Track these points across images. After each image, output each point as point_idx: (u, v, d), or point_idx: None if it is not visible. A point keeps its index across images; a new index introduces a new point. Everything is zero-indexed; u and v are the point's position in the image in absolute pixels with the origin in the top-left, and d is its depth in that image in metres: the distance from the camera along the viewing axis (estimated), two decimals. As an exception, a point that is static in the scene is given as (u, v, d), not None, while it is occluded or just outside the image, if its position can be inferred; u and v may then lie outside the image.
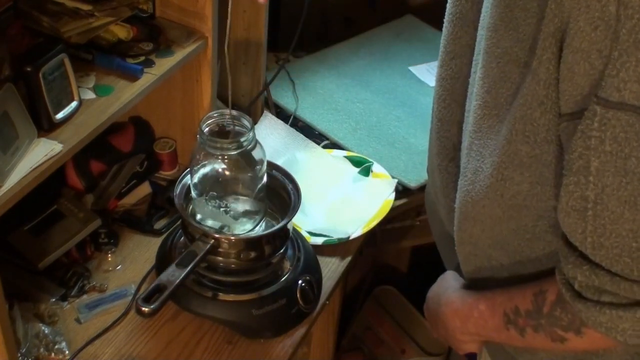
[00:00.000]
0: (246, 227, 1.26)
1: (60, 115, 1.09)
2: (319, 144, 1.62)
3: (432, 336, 1.88)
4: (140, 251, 1.38)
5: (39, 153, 1.04)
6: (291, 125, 1.66)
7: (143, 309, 1.09)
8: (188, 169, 1.26)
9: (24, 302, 1.23)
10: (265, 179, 1.25)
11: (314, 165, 1.55)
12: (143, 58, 1.24)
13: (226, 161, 1.20)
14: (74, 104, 1.12)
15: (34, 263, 1.27)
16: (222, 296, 1.25)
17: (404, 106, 1.76)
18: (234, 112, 1.20)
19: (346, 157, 1.58)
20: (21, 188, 1.01)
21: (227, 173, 1.23)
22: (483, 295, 1.03)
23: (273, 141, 1.58)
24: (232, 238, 1.23)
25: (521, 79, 0.84)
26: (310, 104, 1.73)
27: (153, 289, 1.11)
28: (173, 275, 1.13)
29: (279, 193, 1.31)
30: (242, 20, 1.53)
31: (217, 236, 1.20)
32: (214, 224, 1.24)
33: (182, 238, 1.31)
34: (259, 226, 1.27)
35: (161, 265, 1.29)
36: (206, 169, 1.23)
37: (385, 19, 2.03)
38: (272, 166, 1.32)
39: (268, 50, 1.59)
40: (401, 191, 1.55)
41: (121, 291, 1.31)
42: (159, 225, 1.43)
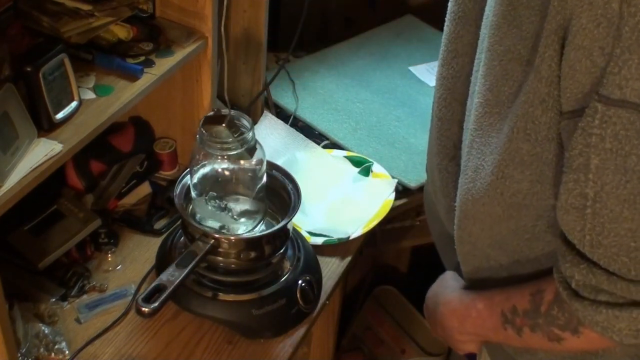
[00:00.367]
0: (246, 227, 1.26)
1: (60, 115, 1.09)
2: (319, 144, 1.62)
3: (432, 336, 1.88)
4: (140, 251, 1.38)
5: (39, 153, 1.04)
6: (291, 125, 1.65)
7: (143, 309, 1.09)
8: (188, 169, 1.26)
9: (24, 302, 1.23)
10: (265, 179, 1.25)
11: (314, 165, 1.55)
12: (143, 58, 1.24)
13: (226, 159, 1.20)
14: (74, 104, 1.12)
15: (34, 263, 1.27)
16: (222, 296, 1.25)
17: (404, 106, 1.76)
18: (234, 112, 1.20)
19: (346, 157, 1.58)
20: (21, 188, 1.01)
21: (227, 173, 1.24)
22: (481, 295, 1.03)
23: (273, 141, 1.58)
24: (232, 238, 1.23)
25: (523, 77, 0.84)
26: (310, 104, 1.73)
27: (153, 289, 1.11)
28: (173, 275, 1.13)
29: (279, 193, 1.31)
30: (242, 20, 1.53)
31: (217, 236, 1.20)
32: (214, 224, 1.24)
33: (182, 238, 1.31)
34: (259, 226, 1.27)
35: (161, 265, 1.29)
36: (206, 169, 1.23)
37: (385, 19, 2.03)
38: (272, 166, 1.32)
39: (268, 50, 1.59)
40: (401, 191, 1.55)
41: (121, 291, 1.30)
42: (159, 225, 1.43)
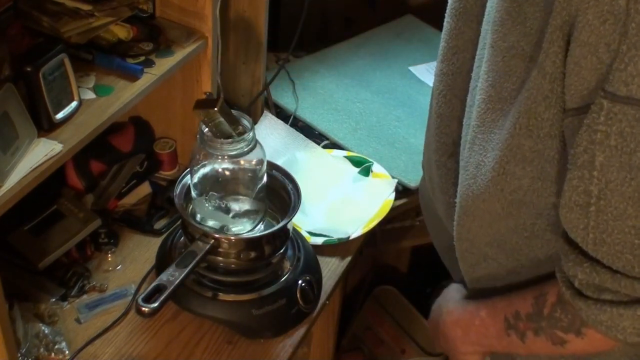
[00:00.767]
0: (246, 227, 1.26)
1: (60, 115, 1.09)
2: (319, 144, 1.62)
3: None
4: (140, 251, 1.38)
5: (39, 153, 1.04)
6: (291, 125, 1.65)
7: (143, 309, 1.09)
8: (188, 169, 1.26)
9: (24, 302, 1.23)
10: (265, 179, 1.25)
11: (314, 165, 1.55)
12: (143, 58, 1.24)
13: (227, 159, 1.20)
14: (74, 104, 1.12)
15: (34, 263, 1.27)
16: (222, 296, 1.25)
17: (404, 106, 1.76)
18: (234, 112, 1.20)
19: (346, 157, 1.58)
20: (21, 188, 1.01)
21: (227, 173, 1.24)
22: (484, 302, 1.02)
23: (273, 141, 1.58)
24: (232, 238, 1.23)
25: (526, 73, 0.84)
26: (310, 104, 1.73)
27: (153, 289, 1.11)
28: (173, 275, 1.13)
29: (279, 193, 1.31)
30: (242, 20, 1.53)
31: (217, 236, 1.20)
32: (214, 224, 1.24)
33: (182, 238, 1.31)
34: (259, 226, 1.27)
35: (161, 265, 1.29)
36: (206, 169, 1.23)
37: (385, 19, 2.03)
38: (272, 166, 1.32)
39: (268, 50, 1.59)
40: (401, 191, 1.55)
41: (121, 291, 1.30)
42: (159, 225, 1.43)
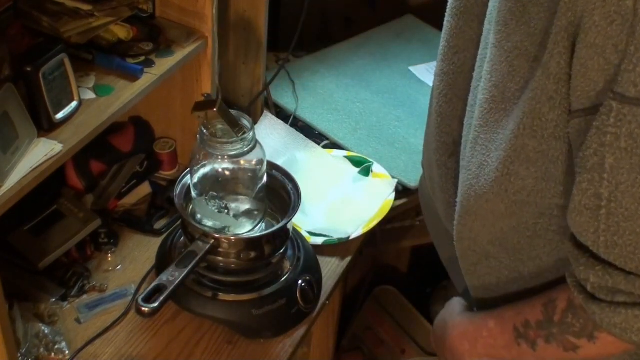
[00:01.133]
0: (246, 227, 1.26)
1: (60, 115, 1.09)
2: (319, 144, 1.62)
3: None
4: (140, 251, 1.38)
5: (39, 153, 1.04)
6: (291, 125, 1.65)
7: (143, 309, 1.09)
8: (188, 169, 1.26)
9: (24, 302, 1.23)
10: (265, 179, 1.25)
11: (314, 165, 1.55)
12: (143, 58, 1.24)
13: (227, 159, 1.20)
14: (74, 104, 1.12)
15: (34, 263, 1.27)
16: (222, 296, 1.25)
17: (404, 106, 1.76)
18: (234, 112, 1.20)
19: (346, 157, 1.58)
20: (21, 188, 1.01)
21: (227, 173, 1.24)
22: (491, 313, 1.01)
23: (273, 141, 1.58)
24: (232, 238, 1.23)
25: (531, 74, 0.83)
26: (310, 104, 1.73)
27: (153, 289, 1.11)
28: (173, 275, 1.13)
29: (279, 193, 1.31)
30: (242, 20, 1.53)
31: (217, 236, 1.20)
32: (214, 224, 1.24)
33: (182, 238, 1.31)
34: (259, 226, 1.27)
35: (161, 265, 1.29)
36: (206, 169, 1.23)
37: (385, 19, 2.03)
38: (272, 166, 1.32)
39: (268, 50, 1.59)
40: (401, 191, 1.55)
41: (121, 291, 1.30)
42: (159, 225, 1.43)
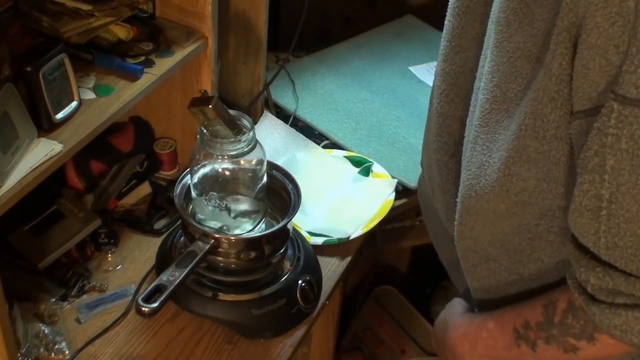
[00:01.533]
0: (246, 227, 1.26)
1: (60, 115, 1.09)
2: (319, 144, 1.62)
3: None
4: (140, 251, 1.38)
5: (39, 153, 1.04)
6: (291, 125, 1.65)
7: (143, 309, 1.09)
8: (188, 169, 1.26)
9: (24, 302, 1.23)
10: (265, 179, 1.25)
11: (314, 165, 1.55)
12: (143, 58, 1.24)
13: (227, 159, 1.20)
14: (74, 104, 1.12)
15: (34, 263, 1.27)
16: (222, 296, 1.25)
17: (404, 106, 1.76)
18: (234, 112, 1.20)
19: (346, 157, 1.58)
20: (21, 188, 1.01)
21: (227, 173, 1.24)
22: (491, 314, 1.01)
23: (273, 141, 1.58)
24: (232, 238, 1.23)
25: (533, 74, 0.83)
26: (310, 104, 1.73)
27: (153, 289, 1.11)
28: (173, 275, 1.13)
29: (279, 193, 1.31)
30: (242, 20, 1.53)
31: (217, 236, 1.20)
32: (214, 224, 1.24)
33: (182, 238, 1.31)
34: (259, 226, 1.27)
35: (161, 265, 1.29)
36: (206, 169, 1.23)
37: (385, 19, 2.03)
38: (272, 166, 1.32)
39: (268, 50, 1.59)
40: (401, 191, 1.55)
41: (121, 291, 1.30)
42: (159, 225, 1.43)
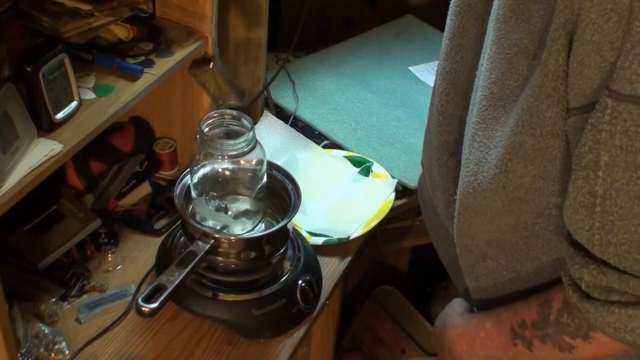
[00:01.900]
0: (246, 227, 1.26)
1: (60, 115, 1.09)
2: (319, 144, 1.62)
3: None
4: (140, 251, 1.38)
5: (39, 153, 1.04)
6: (291, 125, 1.65)
7: (143, 309, 1.09)
8: (188, 169, 1.26)
9: (24, 302, 1.23)
10: (265, 179, 1.25)
11: (314, 165, 1.55)
12: (143, 58, 1.24)
13: (227, 159, 1.20)
14: (74, 104, 1.12)
15: (34, 263, 1.27)
16: (222, 296, 1.25)
17: (404, 106, 1.76)
18: (234, 112, 1.20)
19: (346, 157, 1.58)
20: (21, 188, 1.01)
21: (227, 173, 1.24)
22: (488, 313, 1.02)
23: (273, 141, 1.58)
24: (232, 238, 1.23)
25: (530, 71, 0.83)
26: (310, 104, 1.73)
27: (153, 289, 1.11)
28: (173, 275, 1.13)
29: (279, 193, 1.31)
30: (242, 20, 1.53)
31: (217, 236, 1.20)
32: (214, 224, 1.24)
33: (182, 238, 1.31)
34: (259, 226, 1.27)
35: (161, 265, 1.29)
36: (206, 169, 1.23)
37: (385, 19, 2.03)
38: (272, 166, 1.32)
39: (268, 50, 1.59)
40: (401, 191, 1.55)
41: (121, 291, 1.30)
42: (159, 225, 1.43)
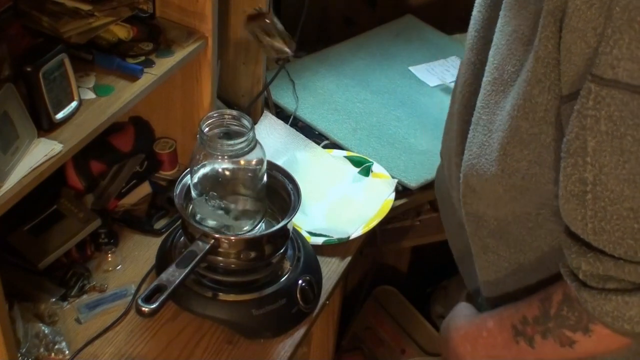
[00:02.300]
0: (246, 227, 1.26)
1: (60, 115, 1.09)
2: (319, 144, 1.62)
3: (432, 336, 1.88)
4: (140, 251, 1.38)
5: (39, 153, 1.04)
6: (291, 125, 1.65)
7: (143, 309, 1.09)
8: (188, 169, 1.26)
9: (24, 302, 1.23)
10: (265, 179, 1.25)
11: (314, 165, 1.55)
12: (143, 58, 1.24)
13: (227, 159, 1.20)
14: (74, 104, 1.12)
15: (34, 263, 1.27)
16: (222, 296, 1.25)
17: (404, 106, 1.76)
18: (234, 112, 1.20)
19: (346, 157, 1.58)
20: (21, 188, 1.01)
21: (227, 173, 1.24)
22: (490, 313, 1.03)
23: (273, 141, 1.58)
24: (232, 238, 1.23)
25: (525, 57, 0.85)
26: (310, 104, 1.73)
27: (153, 289, 1.11)
28: (173, 275, 1.13)
29: (279, 193, 1.31)
30: (242, 20, 1.53)
31: (217, 236, 1.20)
32: (214, 224, 1.24)
33: (182, 238, 1.31)
34: (259, 226, 1.27)
35: (161, 265, 1.29)
36: (206, 169, 1.23)
37: (385, 19, 2.03)
38: (272, 166, 1.32)
39: (268, 50, 1.59)
40: (401, 191, 1.55)
41: (121, 291, 1.30)
42: (159, 225, 1.43)
